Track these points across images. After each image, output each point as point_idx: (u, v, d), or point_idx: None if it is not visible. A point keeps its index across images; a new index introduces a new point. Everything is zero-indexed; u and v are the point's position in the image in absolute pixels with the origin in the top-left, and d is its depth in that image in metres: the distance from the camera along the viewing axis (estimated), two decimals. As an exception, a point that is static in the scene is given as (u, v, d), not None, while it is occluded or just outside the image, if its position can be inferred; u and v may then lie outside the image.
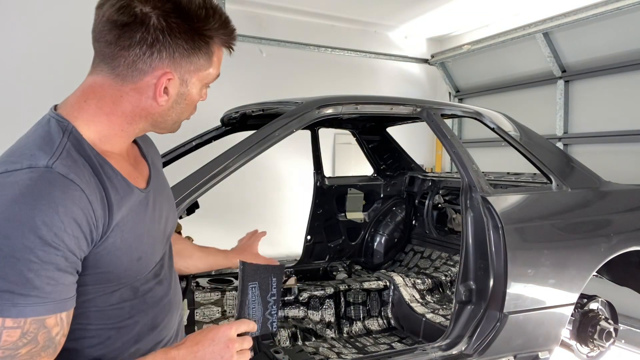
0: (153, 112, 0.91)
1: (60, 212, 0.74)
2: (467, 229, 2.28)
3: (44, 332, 0.75)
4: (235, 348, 0.93)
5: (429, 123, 2.48)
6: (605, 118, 4.32)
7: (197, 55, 0.89)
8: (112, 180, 0.85)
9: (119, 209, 0.85)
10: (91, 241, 0.80)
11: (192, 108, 0.97)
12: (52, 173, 0.77)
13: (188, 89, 0.92)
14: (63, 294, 0.77)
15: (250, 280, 1.06)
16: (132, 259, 0.88)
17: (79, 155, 0.83)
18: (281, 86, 4.92)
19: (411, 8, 5.11)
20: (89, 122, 0.88)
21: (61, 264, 0.75)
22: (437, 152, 6.21)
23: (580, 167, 2.77)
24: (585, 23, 4.18)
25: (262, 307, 1.07)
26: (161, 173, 1.11)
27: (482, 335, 2.21)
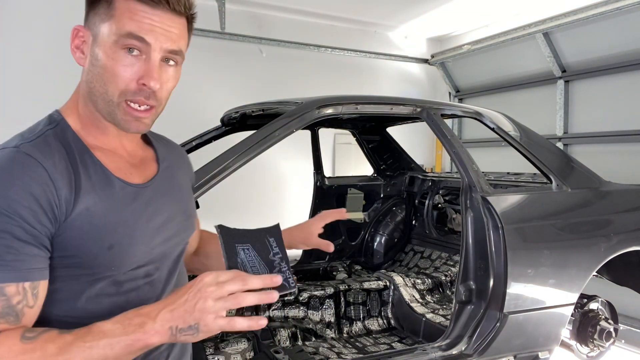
0: (83, 82, 0.92)
1: (16, 185, 0.78)
2: (467, 229, 2.28)
3: (3, 299, 0.76)
4: (209, 293, 0.76)
5: (429, 123, 2.48)
6: (605, 118, 4.32)
7: (98, 5, 0.87)
8: (87, 168, 0.87)
9: (87, 194, 0.85)
10: (54, 219, 0.81)
11: (112, 76, 0.85)
12: (17, 152, 0.81)
13: (97, 46, 0.86)
14: (26, 264, 0.78)
15: (238, 242, 0.93)
16: (102, 247, 0.85)
17: (57, 142, 0.86)
18: (281, 86, 4.92)
19: (411, 8, 5.11)
20: (71, 113, 0.93)
21: (19, 234, 0.77)
22: (437, 152, 6.21)
23: (580, 167, 2.77)
24: (585, 23, 4.19)
25: (265, 267, 0.93)
26: (176, 180, 1.07)
27: (482, 335, 2.21)
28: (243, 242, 0.93)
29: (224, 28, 4.75)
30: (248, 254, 0.93)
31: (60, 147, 0.85)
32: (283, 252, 0.97)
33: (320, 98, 2.27)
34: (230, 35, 4.83)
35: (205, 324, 0.76)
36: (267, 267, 0.93)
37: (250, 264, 0.92)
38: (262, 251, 0.95)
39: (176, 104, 4.73)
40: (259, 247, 0.95)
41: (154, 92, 0.87)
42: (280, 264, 0.95)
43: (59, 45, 4.14)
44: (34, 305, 0.80)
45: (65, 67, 1.91)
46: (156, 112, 0.92)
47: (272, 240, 0.97)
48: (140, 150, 1.03)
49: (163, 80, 0.88)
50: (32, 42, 4.13)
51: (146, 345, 0.76)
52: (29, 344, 0.74)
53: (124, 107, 0.88)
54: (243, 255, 0.92)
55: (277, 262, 0.95)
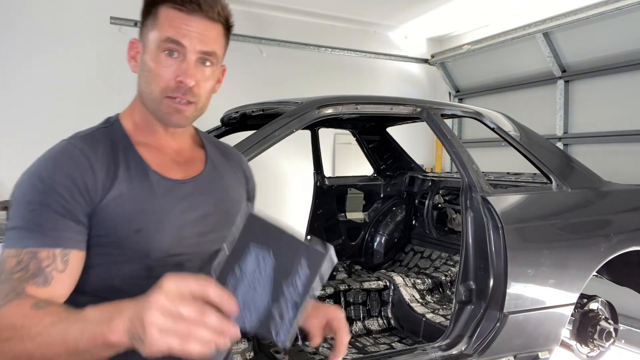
0: (138, 88, 1.02)
1: (60, 168, 0.91)
2: (467, 229, 2.28)
3: (35, 262, 0.85)
4: (159, 305, 0.62)
5: (429, 123, 2.48)
6: (605, 118, 4.32)
7: (147, 19, 1.00)
8: (128, 161, 0.98)
9: (123, 182, 0.95)
10: (89, 199, 0.91)
11: (155, 76, 0.96)
12: (68, 143, 0.96)
13: (146, 53, 0.99)
14: (59, 233, 0.87)
15: (258, 241, 0.68)
16: (131, 229, 0.93)
17: (106, 138, 1.00)
18: (281, 86, 4.92)
19: (411, 8, 5.11)
20: (128, 115, 1.06)
21: (56, 208, 0.88)
22: (437, 152, 6.21)
23: (580, 167, 2.77)
24: (585, 23, 4.18)
25: (270, 294, 0.67)
26: (223, 182, 1.11)
27: (482, 335, 2.21)
28: (265, 244, 0.68)
29: (224, 28, 4.74)
30: (259, 264, 0.67)
31: (107, 142, 0.99)
32: (304, 290, 0.67)
33: (320, 98, 2.27)
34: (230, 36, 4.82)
35: (148, 338, 0.63)
36: (271, 297, 0.67)
37: (249, 278, 0.67)
38: (281, 271, 0.67)
39: (176, 104, 4.69)
40: (282, 262, 0.67)
41: (191, 88, 0.96)
42: (287, 304, 0.67)
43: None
44: (63, 270, 0.87)
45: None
46: (196, 108, 1.01)
47: (303, 266, 0.67)
48: (190, 151, 1.11)
49: (199, 78, 0.97)
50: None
51: (105, 341, 0.68)
52: (35, 312, 0.77)
53: (165, 102, 0.98)
54: (250, 264, 0.67)
55: (284, 301, 0.67)
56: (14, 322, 0.76)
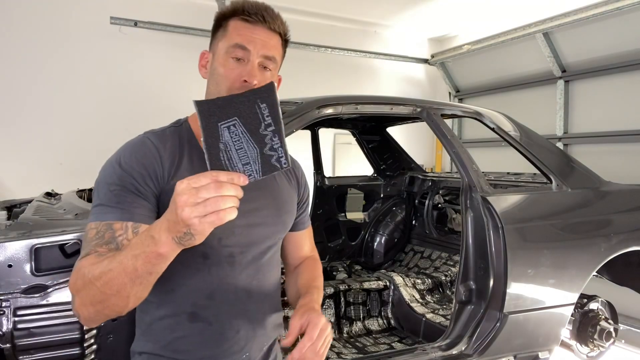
0: (206, 90, 1.14)
1: (134, 156, 1.07)
2: (467, 229, 2.28)
3: (110, 232, 1.00)
4: (183, 202, 0.79)
5: (429, 123, 2.48)
6: (605, 118, 4.32)
7: (217, 32, 1.15)
8: (192, 154, 1.13)
9: (185, 171, 1.09)
10: (157, 183, 1.06)
11: (223, 78, 1.09)
12: (143, 137, 1.13)
13: (215, 60, 1.12)
14: (132, 209, 1.02)
15: (222, 119, 0.82)
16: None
17: (174, 135, 1.15)
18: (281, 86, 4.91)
19: (411, 8, 5.11)
20: (196, 119, 1.15)
21: (130, 188, 1.03)
22: (437, 152, 6.21)
23: (580, 167, 2.77)
24: (585, 23, 4.19)
25: (255, 144, 0.82)
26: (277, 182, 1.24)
27: (482, 335, 2.21)
28: (228, 117, 0.82)
29: (224, 28, 4.74)
30: (234, 132, 0.82)
31: (175, 138, 1.14)
32: (276, 122, 0.82)
33: (320, 98, 2.27)
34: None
35: (194, 228, 0.80)
36: (257, 145, 0.82)
37: (236, 145, 0.82)
38: (252, 124, 0.82)
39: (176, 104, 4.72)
40: (248, 119, 0.82)
41: (254, 87, 1.06)
42: (272, 138, 0.82)
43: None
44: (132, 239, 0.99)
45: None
46: None
47: (263, 108, 0.83)
48: None
49: (260, 80, 1.08)
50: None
51: (158, 254, 0.85)
52: (97, 259, 0.93)
53: None
54: (228, 136, 0.81)
55: (268, 137, 0.82)
56: (84, 273, 0.92)
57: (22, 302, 1.52)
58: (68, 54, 4.29)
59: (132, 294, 0.89)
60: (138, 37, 4.54)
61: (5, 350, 1.49)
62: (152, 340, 1.12)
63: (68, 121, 4.31)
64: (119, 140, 1.19)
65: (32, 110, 4.18)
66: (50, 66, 4.22)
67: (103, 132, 4.21)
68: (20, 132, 4.12)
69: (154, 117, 2.57)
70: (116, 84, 4.48)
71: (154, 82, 4.64)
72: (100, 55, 4.40)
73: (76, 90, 4.32)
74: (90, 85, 4.37)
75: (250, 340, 1.16)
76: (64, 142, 4.28)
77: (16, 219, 1.96)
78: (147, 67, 4.63)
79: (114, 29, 4.41)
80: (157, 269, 0.88)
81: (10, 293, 1.51)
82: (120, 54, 4.49)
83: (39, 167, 4.12)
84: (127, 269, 0.87)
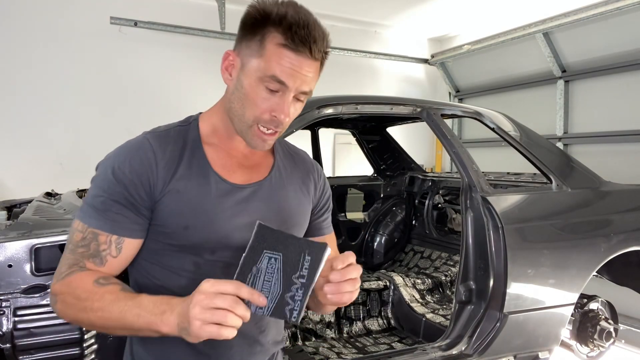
0: (226, 98, 1.06)
1: (128, 162, 0.99)
2: (467, 229, 2.28)
3: (95, 243, 0.98)
4: (199, 301, 0.80)
5: (429, 123, 2.48)
6: (605, 118, 4.32)
7: (251, 40, 0.99)
8: (192, 159, 1.04)
9: (182, 179, 1.01)
10: (150, 192, 1.00)
11: (251, 104, 0.99)
12: (143, 138, 1.04)
13: (244, 75, 1.00)
14: (118, 221, 0.98)
15: (268, 248, 0.87)
16: (179, 225, 1.00)
17: (179, 136, 1.06)
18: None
19: (411, 8, 5.11)
20: (208, 118, 1.11)
21: (119, 198, 0.98)
22: (437, 152, 6.21)
23: (580, 167, 2.77)
24: (585, 23, 4.19)
25: (282, 285, 0.86)
26: (284, 191, 1.13)
27: (482, 335, 2.21)
28: (275, 250, 0.87)
29: (224, 28, 4.75)
30: (272, 265, 0.87)
31: (179, 140, 1.05)
32: (309, 278, 0.86)
33: (320, 98, 2.27)
34: (230, 35, 4.82)
35: (192, 329, 0.81)
36: (282, 287, 0.86)
37: (266, 276, 0.87)
38: (289, 267, 0.87)
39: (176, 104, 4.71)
40: (289, 261, 0.87)
41: (282, 122, 1.01)
42: (298, 290, 0.86)
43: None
44: (116, 256, 0.99)
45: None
46: (279, 134, 1.06)
47: (307, 260, 0.87)
48: (259, 156, 1.14)
49: (291, 114, 1.02)
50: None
51: (157, 331, 0.86)
52: (96, 288, 0.92)
53: (255, 129, 1.02)
54: (265, 264, 0.87)
55: (295, 287, 0.86)
56: (79, 294, 0.91)
57: (22, 302, 1.52)
58: (68, 54, 4.28)
59: (119, 333, 0.93)
60: (138, 37, 4.54)
61: (5, 350, 1.49)
62: (144, 349, 1.07)
63: (68, 121, 4.31)
64: (118, 140, 1.18)
65: (32, 110, 4.17)
66: (50, 66, 4.22)
67: (103, 132, 4.21)
68: (20, 132, 4.12)
69: (154, 117, 2.57)
70: (116, 84, 4.48)
71: (154, 82, 4.64)
72: (100, 55, 4.40)
73: (76, 90, 4.32)
74: (90, 85, 4.37)
75: (245, 357, 1.10)
76: (64, 142, 4.28)
77: (16, 219, 1.96)
78: (147, 67, 4.63)
79: (114, 29, 4.41)
80: (152, 334, 0.88)
81: (10, 293, 1.51)
82: (120, 54, 4.49)
83: (39, 167, 4.11)
84: (125, 322, 0.88)
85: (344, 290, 0.93)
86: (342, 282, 0.93)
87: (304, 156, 1.25)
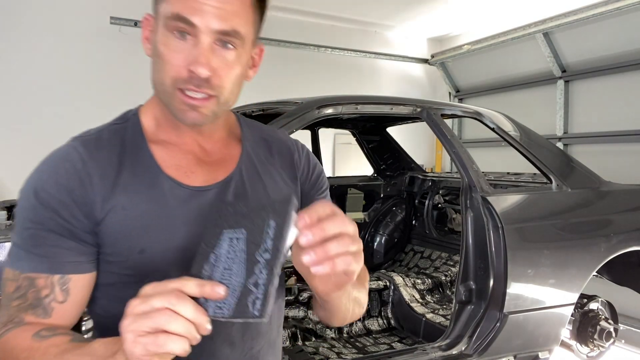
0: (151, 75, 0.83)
1: (54, 178, 0.78)
2: (467, 229, 2.28)
3: (33, 290, 0.76)
4: (132, 307, 0.59)
5: (429, 123, 2.48)
6: (605, 118, 4.32)
7: None
8: (136, 165, 0.82)
9: (126, 192, 0.79)
10: (89, 213, 0.78)
11: (164, 62, 0.77)
12: (68, 147, 0.83)
13: (157, 33, 0.79)
14: (56, 256, 0.76)
15: (229, 226, 0.65)
16: (133, 250, 0.79)
17: (116, 137, 0.84)
18: (281, 86, 4.92)
19: (411, 8, 5.11)
20: (150, 109, 0.89)
21: (53, 227, 0.76)
22: (437, 152, 6.21)
23: (580, 167, 2.77)
24: (585, 23, 4.18)
25: (245, 270, 0.62)
26: (259, 185, 0.90)
27: (482, 335, 2.21)
28: (237, 225, 0.64)
29: (224, 28, 4.75)
30: (234, 246, 0.63)
31: (116, 143, 0.83)
32: (275, 251, 0.61)
33: (320, 98, 2.27)
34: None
35: (126, 347, 0.59)
36: (246, 272, 0.62)
37: (227, 262, 0.63)
38: (253, 243, 0.62)
39: (176, 104, 4.68)
40: (253, 235, 0.63)
41: (207, 79, 0.76)
42: (261, 270, 0.60)
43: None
44: (64, 301, 0.77)
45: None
46: (218, 102, 0.80)
47: (271, 227, 0.62)
48: (224, 149, 0.91)
49: (217, 65, 0.76)
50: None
51: None
52: (37, 343, 0.72)
53: (178, 95, 0.78)
54: (225, 248, 0.63)
55: (258, 267, 0.61)
56: (17, 355, 0.72)
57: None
58: (68, 54, 4.28)
59: None
60: (138, 37, 4.50)
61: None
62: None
63: (68, 121, 4.31)
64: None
65: (32, 110, 4.17)
66: (50, 66, 4.22)
67: (103, 132, 4.21)
68: (20, 132, 4.12)
69: (154, 117, 2.57)
70: (116, 84, 4.48)
71: (154, 82, 4.64)
72: (100, 55, 4.40)
73: (76, 90, 4.32)
74: (90, 85, 4.37)
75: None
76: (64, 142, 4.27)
77: (16, 219, 1.95)
78: (147, 67, 4.58)
79: (114, 29, 4.41)
80: None
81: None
82: (120, 54, 4.49)
83: (39, 167, 4.11)
84: None
85: (329, 253, 0.62)
86: (323, 245, 0.62)
87: (280, 137, 1.01)
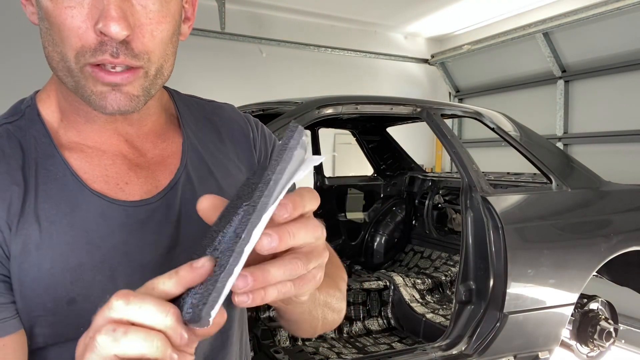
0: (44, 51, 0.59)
1: None
2: (467, 229, 2.28)
3: None
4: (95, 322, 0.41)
5: (429, 123, 2.48)
6: (605, 118, 4.32)
7: None
8: (47, 182, 0.58)
9: (36, 223, 0.56)
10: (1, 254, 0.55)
11: (59, 29, 0.53)
12: None
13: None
14: None
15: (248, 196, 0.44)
16: (60, 300, 0.56)
17: (14, 142, 0.59)
18: (281, 86, 4.92)
19: (411, 8, 5.11)
20: (50, 97, 0.65)
21: None
22: (437, 152, 6.21)
23: (580, 167, 2.77)
24: (585, 23, 4.19)
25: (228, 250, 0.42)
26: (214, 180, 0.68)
27: (482, 335, 2.21)
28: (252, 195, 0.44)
29: (224, 28, 4.75)
30: (243, 219, 0.43)
31: (17, 151, 0.58)
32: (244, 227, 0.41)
33: (320, 98, 2.27)
34: (230, 35, 4.83)
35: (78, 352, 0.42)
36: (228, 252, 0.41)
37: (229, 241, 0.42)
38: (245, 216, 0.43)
39: (176, 104, 4.70)
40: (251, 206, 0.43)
41: (126, 42, 0.53)
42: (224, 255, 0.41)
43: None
44: None
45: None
46: (147, 75, 0.57)
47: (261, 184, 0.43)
48: (160, 142, 0.68)
49: (136, 20, 0.53)
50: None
51: None
52: None
53: (89, 73, 0.54)
54: (236, 223, 0.43)
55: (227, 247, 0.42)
56: None
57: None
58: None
59: None
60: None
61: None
62: None
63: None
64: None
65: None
66: (50, 66, 4.22)
67: (103, 132, 4.21)
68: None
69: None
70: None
71: (154, 82, 4.64)
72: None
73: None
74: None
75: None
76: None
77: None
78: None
79: (114, 29, 4.41)
80: None
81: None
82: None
83: (39, 167, 4.11)
84: None
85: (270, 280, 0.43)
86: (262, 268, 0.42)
87: (230, 114, 0.77)
